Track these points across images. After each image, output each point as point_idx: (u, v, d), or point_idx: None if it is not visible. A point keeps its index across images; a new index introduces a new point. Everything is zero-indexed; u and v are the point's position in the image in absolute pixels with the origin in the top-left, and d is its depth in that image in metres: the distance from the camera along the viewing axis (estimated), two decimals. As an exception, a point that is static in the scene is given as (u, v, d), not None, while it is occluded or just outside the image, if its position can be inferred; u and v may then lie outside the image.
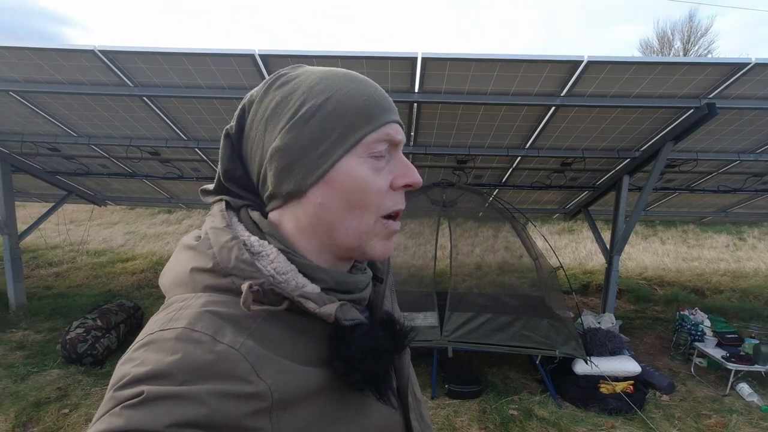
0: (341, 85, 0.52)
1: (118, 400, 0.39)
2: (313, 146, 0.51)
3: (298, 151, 0.51)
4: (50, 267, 7.48)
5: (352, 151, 0.51)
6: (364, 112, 0.52)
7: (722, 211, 6.31)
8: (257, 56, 3.01)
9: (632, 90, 3.26)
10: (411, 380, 0.66)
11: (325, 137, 0.51)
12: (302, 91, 0.52)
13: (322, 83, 0.52)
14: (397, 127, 0.55)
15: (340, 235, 0.53)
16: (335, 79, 0.53)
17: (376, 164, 0.53)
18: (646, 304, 6.35)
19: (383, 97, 0.55)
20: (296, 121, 0.51)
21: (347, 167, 0.51)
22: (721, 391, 3.73)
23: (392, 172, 0.54)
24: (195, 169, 5.19)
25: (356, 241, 0.53)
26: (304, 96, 0.51)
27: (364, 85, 0.54)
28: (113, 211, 10.49)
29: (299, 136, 0.51)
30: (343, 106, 0.51)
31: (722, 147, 4.14)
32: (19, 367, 3.70)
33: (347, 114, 0.51)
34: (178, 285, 0.51)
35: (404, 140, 0.57)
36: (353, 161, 0.51)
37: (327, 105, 0.51)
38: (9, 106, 3.90)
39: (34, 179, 5.59)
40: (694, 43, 18.80)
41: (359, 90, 0.53)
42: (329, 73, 0.54)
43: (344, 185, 0.51)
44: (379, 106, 0.53)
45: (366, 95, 0.53)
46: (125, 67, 3.21)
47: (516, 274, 4.37)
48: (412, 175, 0.54)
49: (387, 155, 0.54)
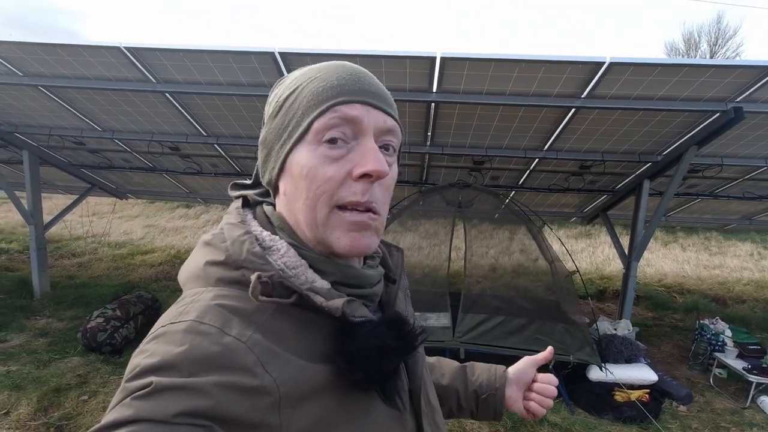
0: (309, 76, 0.53)
1: (128, 391, 0.40)
2: (277, 138, 0.53)
3: (269, 143, 0.55)
4: (73, 257, 7.69)
5: (303, 140, 0.51)
6: (315, 98, 0.50)
7: (747, 218, 6.12)
8: (277, 54, 3.04)
9: (656, 92, 3.19)
10: (425, 384, 0.64)
11: (284, 128, 0.53)
12: (282, 88, 0.55)
13: (298, 77, 0.54)
14: (355, 105, 0.50)
15: (302, 226, 0.53)
16: (309, 72, 0.54)
17: (330, 152, 0.50)
18: (665, 311, 6.20)
19: (347, 80, 0.51)
20: (270, 115, 0.55)
21: (297, 156, 0.51)
22: (741, 404, 3.63)
23: (352, 160, 0.50)
24: (214, 164, 5.28)
25: (315, 233, 0.52)
26: (280, 92, 0.55)
27: (332, 72, 0.52)
28: (134, 205, 10.72)
29: (270, 129, 0.54)
30: (300, 95, 0.52)
31: (749, 152, 4.01)
32: (41, 354, 3.82)
33: (302, 103, 0.51)
34: (193, 279, 0.53)
35: (369, 120, 0.51)
36: (304, 149, 0.51)
37: (291, 97, 0.53)
38: (38, 101, 4.02)
39: (59, 172, 5.76)
40: (721, 46, 18.29)
41: (323, 78, 0.51)
42: (312, 67, 0.55)
43: (294, 175, 0.52)
44: (334, 89, 0.50)
45: (325, 81, 0.51)
46: (149, 63, 3.29)
47: (531, 277, 4.33)
48: (370, 163, 0.49)
49: (352, 142, 0.50)
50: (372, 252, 0.54)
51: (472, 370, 0.87)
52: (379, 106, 0.52)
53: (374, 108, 0.51)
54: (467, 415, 0.85)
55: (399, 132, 0.55)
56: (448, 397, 0.83)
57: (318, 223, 0.51)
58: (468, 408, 0.84)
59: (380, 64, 3.08)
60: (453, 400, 0.83)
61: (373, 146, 0.50)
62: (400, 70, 3.14)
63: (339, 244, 0.51)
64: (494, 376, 0.84)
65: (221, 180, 5.73)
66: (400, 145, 0.57)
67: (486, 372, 0.85)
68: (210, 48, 3.05)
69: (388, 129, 0.52)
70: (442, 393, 0.81)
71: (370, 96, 0.51)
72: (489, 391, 0.82)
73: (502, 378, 0.84)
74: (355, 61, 2.45)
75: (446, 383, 0.84)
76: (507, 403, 0.84)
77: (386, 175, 0.50)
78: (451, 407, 0.84)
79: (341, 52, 3.07)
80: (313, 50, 3.05)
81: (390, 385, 0.53)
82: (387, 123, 0.52)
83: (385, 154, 0.52)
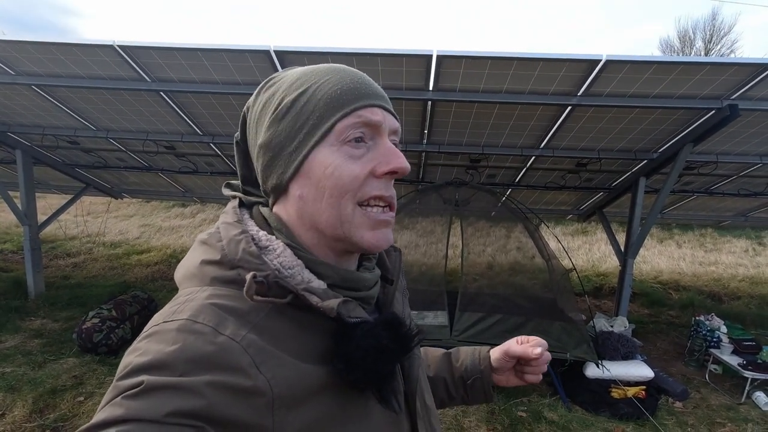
0: (317, 78, 0.53)
1: (119, 390, 0.39)
2: (288, 141, 0.52)
3: (277, 146, 0.53)
4: (68, 257, 7.65)
5: (324, 141, 0.51)
6: (335, 101, 0.51)
7: (742, 215, 6.16)
8: (272, 52, 3.02)
9: (651, 90, 3.20)
10: (421, 386, 0.64)
11: (298, 130, 0.52)
12: (283, 89, 0.54)
13: (300, 79, 0.53)
14: (376, 110, 0.53)
15: (322, 226, 0.53)
16: (313, 73, 0.54)
17: (353, 151, 0.52)
18: (661, 308, 6.24)
19: (360, 84, 0.53)
20: (274, 118, 0.53)
21: (320, 157, 0.51)
22: (737, 400, 3.65)
23: (374, 159, 0.53)
24: (209, 163, 5.25)
25: (339, 231, 0.53)
26: (282, 94, 0.53)
27: (341, 75, 0.53)
28: (129, 204, 10.68)
29: (277, 132, 0.53)
30: (314, 97, 0.52)
31: (744, 150, 4.03)
32: (37, 355, 3.79)
33: (318, 105, 0.51)
34: (189, 278, 0.53)
35: (387, 123, 0.54)
36: (325, 150, 0.51)
37: (301, 99, 0.52)
38: (32, 100, 3.99)
39: (53, 171, 5.72)
40: (716, 42, 18.35)
41: (333, 80, 0.53)
42: (310, 69, 0.55)
43: (317, 175, 0.51)
44: (352, 92, 0.52)
45: (340, 84, 0.52)
46: (143, 62, 3.26)
47: (528, 275, 4.33)
48: (396, 161, 0.52)
49: (370, 142, 0.53)
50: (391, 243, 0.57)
51: (457, 355, 0.87)
52: (389, 109, 0.55)
53: (386, 111, 0.54)
54: (459, 402, 0.85)
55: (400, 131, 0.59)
56: (437, 387, 0.83)
57: (342, 220, 0.52)
58: (458, 395, 0.84)
59: (377, 63, 3.06)
60: (442, 389, 0.84)
61: (391, 145, 0.54)
62: (397, 68, 3.13)
63: (363, 239, 0.53)
64: (478, 359, 0.84)
65: (217, 179, 5.71)
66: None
67: (470, 356, 0.85)
68: (204, 46, 3.03)
69: (396, 130, 0.56)
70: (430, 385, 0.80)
71: (383, 99, 0.55)
72: (474, 375, 0.82)
73: (486, 359, 0.83)
74: (352, 60, 2.43)
75: (432, 374, 0.84)
76: (498, 383, 0.84)
77: (408, 171, 0.54)
78: (443, 397, 0.84)
79: (337, 50, 3.05)
80: (309, 48, 3.03)
81: (386, 387, 0.52)
82: (395, 124, 0.56)
83: None
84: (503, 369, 0.82)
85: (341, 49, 3.02)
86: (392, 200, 0.55)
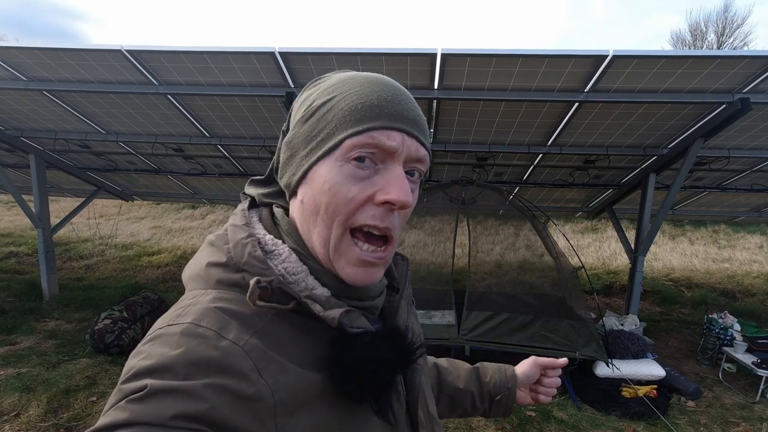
0: (347, 87, 0.51)
1: (123, 393, 0.40)
2: (303, 145, 0.52)
3: (294, 147, 0.53)
4: (81, 259, 7.76)
5: (332, 154, 0.49)
6: (351, 116, 0.48)
7: (756, 210, 6.05)
8: (277, 54, 3.03)
9: (660, 85, 3.15)
10: (424, 395, 0.63)
11: (314, 137, 0.51)
12: (319, 91, 0.53)
13: (335, 85, 0.52)
14: (393, 134, 0.48)
15: (313, 241, 0.52)
16: (348, 81, 0.52)
17: (357, 172, 0.48)
18: (673, 306, 6.15)
19: (387, 103, 0.49)
20: (301, 118, 0.53)
21: (322, 170, 0.49)
22: (751, 399, 3.59)
23: (378, 184, 0.49)
24: (217, 165, 5.30)
25: (325, 252, 0.51)
26: (316, 96, 0.52)
27: (371, 89, 0.50)
28: (140, 206, 10.81)
29: (298, 133, 0.52)
30: (336, 107, 0.50)
31: (756, 144, 3.96)
32: (51, 355, 3.86)
33: (336, 116, 0.49)
34: (195, 279, 0.53)
35: (404, 149, 0.49)
36: (330, 164, 0.49)
37: (326, 106, 0.51)
38: (44, 105, 4.06)
39: (66, 175, 5.82)
40: (729, 35, 18.00)
41: (360, 94, 0.49)
42: (348, 77, 0.53)
43: (316, 188, 0.50)
44: (373, 110, 0.48)
45: (363, 99, 0.49)
46: (151, 66, 3.30)
47: (536, 273, 4.31)
48: (395, 192, 0.48)
49: (380, 165, 0.49)
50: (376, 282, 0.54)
51: (485, 371, 0.91)
52: (415, 134, 0.50)
53: (410, 136, 0.50)
54: (480, 414, 0.90)
55: (428, 161, 0.53)
56: (464, 399, 0.87)
57: (331, 243, 0.50)
58: (482, 408, 0.88)
59: (381, 62, 3.06)
60: (468, 401, 0.88)
61: (401, 173, 0.49)
62: (401, 67, 3.13)
63: (343, 272, 0.51)
64: (506, 377, 0.89)
65: (225, 180, 5.76)
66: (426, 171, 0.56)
67: (497, 373, 0.90)
68: (210, 48, 3.05)
69: (419, 158, 0.51)
70: (458, 395, 0.87)
71: (408, 123, 0.50)
72: (503, 392, 0.88)
73: (513, 378, 0.89)
74: (356, 60, 2.42)
75: (462, 386, 0.87)
76: (517, 400, 0.90)
77: (409, 207, 0.49)
78: (466, 408, 0.88)
79: (342, 51, 3.05)
80: (314, 49, 3.04)
81: (384, 398, 0.52)
82: (419, 152, 0.51)
83: (409, 179, 0.51)
84: (527, 383, 0.90)
85: (346, 49, 3.02)
86: (389, 232, 0.50)
